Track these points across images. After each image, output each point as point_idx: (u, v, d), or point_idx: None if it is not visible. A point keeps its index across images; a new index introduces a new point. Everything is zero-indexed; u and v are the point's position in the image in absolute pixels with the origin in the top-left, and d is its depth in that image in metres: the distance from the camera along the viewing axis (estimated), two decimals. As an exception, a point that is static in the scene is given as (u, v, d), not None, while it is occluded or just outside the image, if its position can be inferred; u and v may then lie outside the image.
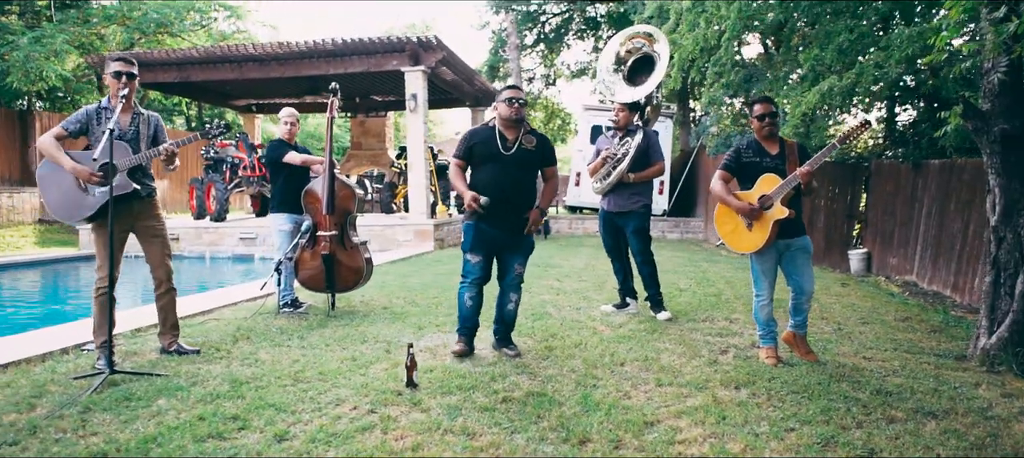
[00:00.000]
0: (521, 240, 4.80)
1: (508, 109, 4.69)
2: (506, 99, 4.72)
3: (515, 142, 4.72)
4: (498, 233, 4.73)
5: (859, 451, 3.09)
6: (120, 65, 4.52)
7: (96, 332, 4.55)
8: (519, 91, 4.80)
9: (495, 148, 4.70)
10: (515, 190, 4.70)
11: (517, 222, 4.72)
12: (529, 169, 4.81)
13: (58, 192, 4.50)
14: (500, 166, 4.69)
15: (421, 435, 3.22)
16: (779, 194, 4.47)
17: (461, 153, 4.85)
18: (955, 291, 8.21)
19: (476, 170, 4.81)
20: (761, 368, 4.45)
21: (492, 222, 4.68)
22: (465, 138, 4.90)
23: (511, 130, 4.74)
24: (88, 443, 3.15)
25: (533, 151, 4.78)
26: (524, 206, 4.74)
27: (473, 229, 4.75)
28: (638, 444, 3.17)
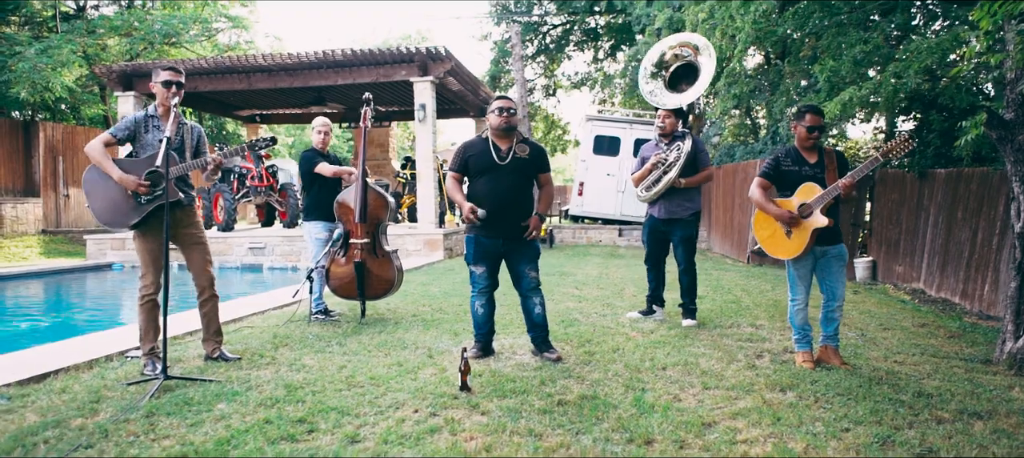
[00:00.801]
0: (524, 246, 4.89)
1: (498, 119, 4.81)
2: (496, 109, 4.84)
3: (509, 151, 4.82)
4: (499, 242, 4.84)
5: (917, 450, 3.18)
6: (170, 74, 4.58)
7: (143, 339, 4.59)
8: (509, 101, 4.90)
9: (490, 158, 4.81)
10: (512, 198, 4.80)
11: (516, 229, 4.81)
12: (524, 177, 4.90)
13: (104, 199, 4.53)
14: (496, 176, 4.80)
15: (489, 436, 3.29)
16: (819, 203, 4.57)
17: (457, 166, 4.96)
18: (964, 298, 8.34)
19: (473, 181, 4.92)
20: (801, 372, 4.54)
21: (491, 232, 4.79)
22: (459, 151, 5.02)
23: (504, 140, 4.85)
24: (163, 445, 3.20)
25: (527, 159, 4.88)
26: (522, 213, 4.84)
27: (474, 241, 4.88)
28: (702, 444, 3.25)
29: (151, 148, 4.54)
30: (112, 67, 13.82)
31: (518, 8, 21.05)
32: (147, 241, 4.55)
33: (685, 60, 6.50)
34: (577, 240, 16.73)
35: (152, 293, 4.54)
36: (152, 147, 4.54)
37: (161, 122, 4.60)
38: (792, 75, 10.03)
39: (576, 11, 21.55)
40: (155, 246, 4.54)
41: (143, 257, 4.56)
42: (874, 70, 7.93)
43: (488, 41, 22.96)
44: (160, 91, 4.57)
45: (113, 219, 4.56)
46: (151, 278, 4.53)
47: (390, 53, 12.99)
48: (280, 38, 26.84)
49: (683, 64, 6.58)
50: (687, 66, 6.50)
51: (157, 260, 4.54)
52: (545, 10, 22.03)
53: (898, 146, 4.45)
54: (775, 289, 8.93)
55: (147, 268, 4.54)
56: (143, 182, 4.44)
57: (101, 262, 13.48)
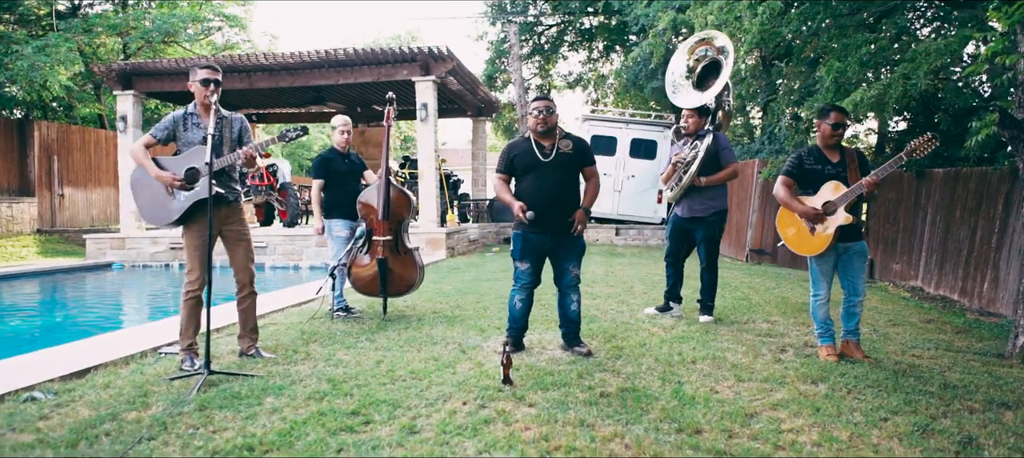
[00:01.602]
0: (571, 242, 4.97)
1: (534, 121, 4.92)
2: (532, 111, 4.95)
3: (552, 148, 4.91)
4: (546, 238, 4.92)
5: (957, 438, 3.30)
6: (207, 73, 4.64)
7: (183, 334, 4.64)
8: (545, 101, 4.97)
9: (534, 157, 4.90)
10: (558, 194, 4.88)
11: (563, 225, 4.89)
12: (570, 172, 4.98)
13: (148, 197, 4.61)
14: (541, 173, 4.88)
15: (543, 426, 3.38)
16: (843, 201, 4.70)
17: (503, 167, 5.04)
18: (963, 295, 8.51)
19: (519, 180, 5.01)
20: (827, 365, 4.66)
21: (539, 229, 4.87)
22: (505, 152, 5.10)
23: (546, 138, 4.94)
24: (224, 437, 3.27)
25: (571, 154, 4.97)
26: (568, 209, 4.91)
27: (521, 238, 4.95)
28: (749, 432, 3.36)
29: (192, 145, 4.60)
30: (112, 66, 13.78)
31: (514, 8, 21.15)
32: (193, 237, 4.60)
33: (707, 58, 6.60)
34: (574, 239, 16.81)
35: (197, 289, 4.59)
36: (193, 144, 4.60)
37: (201, 119, 4.66)
38: (793, 76, 10.18)
39: (571, 12, 21.68)
40: (201, 242, 4.59)
41: (190, 253, 4.61)
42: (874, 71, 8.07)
43: (484, 41, 23.09)
44: (198, 89, 4.62)
45: (156, 216, 4.63)
46: (197, 274, 4.58)
47: (392, 53, 13.05)
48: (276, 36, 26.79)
49: (708, 63, 6.67)
50: (713, 64, 6.59)
51: (204, 257, 4.59)
52: (540, 10, 22.14)
53: (922, 145, 4.58)
54: (779, 286, 9.09)
55: (194, 264, 4.59)
56: (178, 178, 4.49)
57: (101, 261, 13.44)
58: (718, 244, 6.44)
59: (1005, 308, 7.51)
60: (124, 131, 14.01)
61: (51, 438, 3.28)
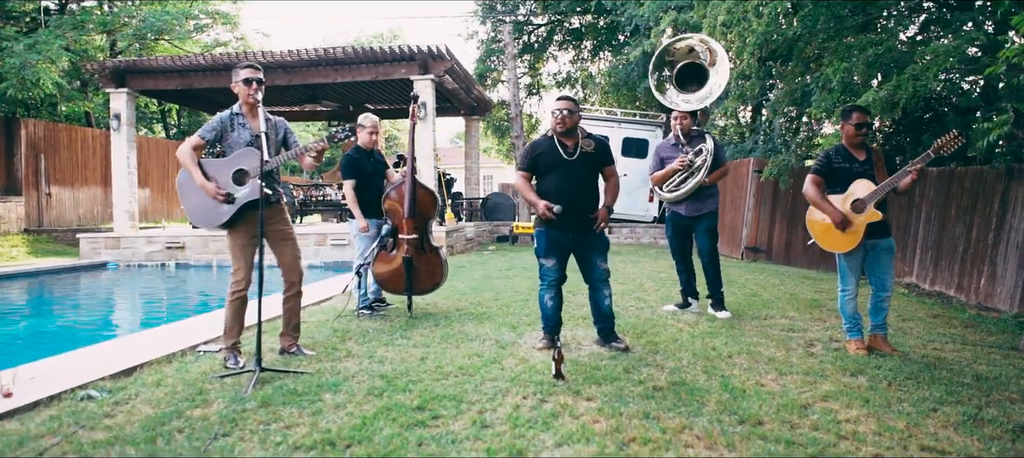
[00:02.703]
0: (594, 238, 5.07)
1: (553, 122, 5.02)
2: (553, 111, 5.04)
3: (575, 147, 5.01)
4: (569, 236, 5.01)
5: (1008, 426, 3.44)
6: (249, 72, 4.65)
7: (227, 334, 4.66)
8: (567, 102, 5.06)
9: (558, 156, 4.99)
10: (581, 193, 4.98)
11: (586, 222, 4.99)
12: (591, 171, 5.09)
13: (196, 200, 4.60)
14: (564, 172, 4.98)
15: (610, 419, 3.46)
16: (872, 199, 4.84)
17: (526, 165, 5.13)
18: (959, 291, 8.72)
19: (542, 179, 5.08)
20: (860, 358, 4.80)
21: (562, 226, 4.96)
22: (528, 150, 5.18)
23: (568, 137, 5.04)
24: (300, 432, 3.31)
25: (593, 154, 5.07)
26: (590, 206, 5.01)
27: (544, 235, 5.04)
28: (809, 423, 3.47)
29: (238, 146, 4.61)
30: (105, 63, 13.62)
31: (504, 7, 21.22)
32: (238, 238, 4.61)
33: (698, 60, 6.74)
34: (567, 237, 16.91)
35: (243, 289, 4.60)
36: (239, 145, 4.61)
37: (246, 119, 4.67)
38: (791, 76, 10.35)
39: (561, 11, 21.78)
40: (247, 243, 4.61)
41: (235, 253, 4.62)
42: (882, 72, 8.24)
43: (474, 40, 23.11)
44: (242, 89, 4.63)
45: (204, 219, 4.62)
46: (243, 274, 4.60)
47: (391, 51, 13.06)
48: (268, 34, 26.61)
49: (689, 63, 6.81)
50: (695, 67, 6.73)
51: (250, 257, 4.61)
52: (530, 9, 22.22)
53: (948, 142, 4.73)
54: (784, 283, 9.25)
55: (239, 264, 4.60)
56: (221, 192, 4.49)
57: (95, 261, 13.30)
58: (717, 233, 6.63)
59: (1002, 303, 7.73)
60: (118, 129, 13.85)
61: (126, 435, 3.30)
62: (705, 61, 6.80)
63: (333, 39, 41.89)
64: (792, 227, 13.00)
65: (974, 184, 8.70)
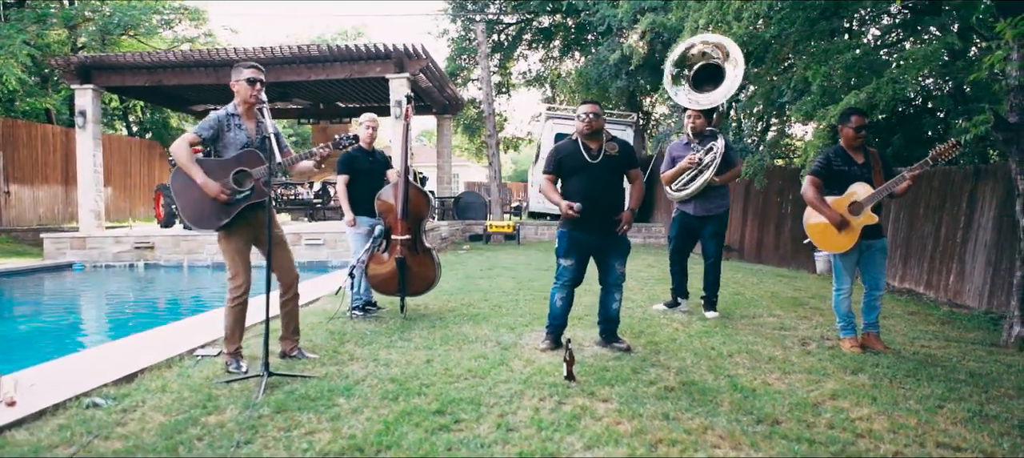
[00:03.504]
0: (617, 241, 5.11)
1: (582, 124, 5.05)
2: (581, 115, 5.07)
3: (599, 150, 5.06)
4: (591, 237, 5.04)
5: (1013, 422, 3.56)
6: (253, 72, 4.57)
7: (228, 339, 4.58)
8: (593, 106, 5.12)
9: (582, 159, 5.04)
10: (604, 195, 5.03)
11: (609, 224, 5.03)
12: (615, 173, 5.13)
13: (192, 201, 4.47)
14: (589, 174, 5.02)
15: (632, 421, 3.49)
16: (871, 201, 4.96)
17: (551, 168, 5.17)
18: (929, 288, 8.97)
19: (566, 181, 5.13)
20: (857, 356, 4.92)
21: (585, 227, 5.00)
22: (553, 154, 5.22)
23: (593, 141, 5.08)
24: (325, 439, 3.27)
25: (617, 157, 5.12)
26: (614, 209, 5.06)
27: (567, 236, 5.08)
28: (825, 422, 3.54)
29: (234, 147, 4.52)
30: (70, 58, 13.28)
31: (474, 6, 21.19)
32: (234, 241, 4.52)
33: (712, 60, 6.81)
34: (540, 237, 16.99)
35: (243, 294, 4.52)
36: (235, 146, 4.52)
37: (242, 120, 4.59)
38: (769, 78, 10.53)
39: (531, 10, 21.83)
40: (244, 246, 4.53)
41: (231, 258, 4.52)
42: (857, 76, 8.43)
43: (445, 38, 23.01)
44: (244, 88, 4.55)
45: (201, 221, 4.49)
46: (243, 279, 4.51)
47: (366, 50, 12.96)
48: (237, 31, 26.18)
49: (706, 64, 6.87)
50: (712, 68, 6.80)
51: (248, 260, 4.53)
52: (500, 8, 22.22)
53: (946, 150, 4.86)
54: (762, 282, 9.42)
55: (237, 269, 4.51)
56: (224, 191, 4.40)
57: (61, 262, 12.95)
58: (724, 238, 6.68)
59: (971, 300, 7.98)
60: (83, 126, 13.50)
61: (145, 443, 3.24)
62: (719, 59, 6.86)
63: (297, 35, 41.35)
64: (763, 226, 13.24)
65: (942, 184, 8.95)
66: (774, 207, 12.93)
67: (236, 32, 22.88)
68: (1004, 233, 7.62)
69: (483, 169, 40.95)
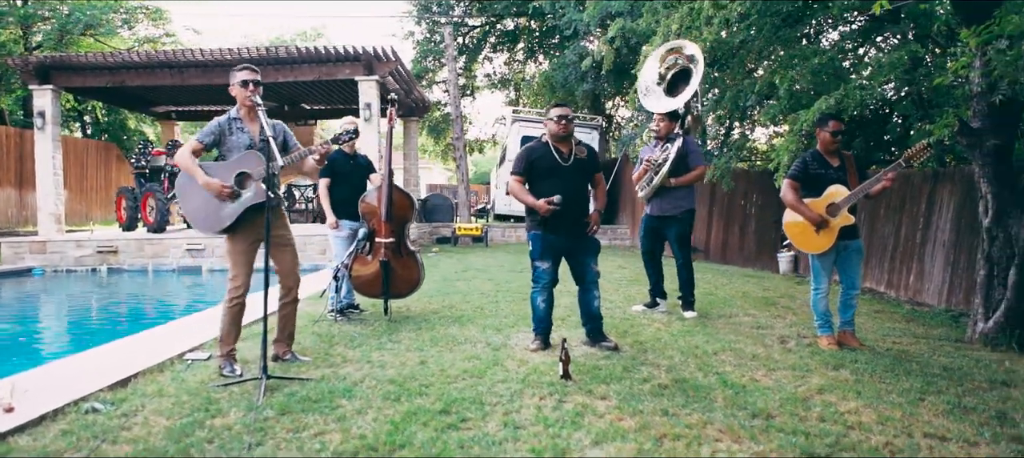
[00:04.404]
0: (587, 241, 5.25)
1: (556, 127, 5.15)
2: (554, 118, 5.18)
3: (570, 154, 5.18)
4: (563, 239, 5.16)
5: (990, 413, 3.76)
6: (247, 73, 4.58)
7: (223, 341, 4.57)
8: (567, 109, 5.24)
9: (554, 161, 5.15)
10: (575, 196, 5.16)
11: (579, 226, 5.16)
12: (585, 176, 5.28)
13: (197, 203, 4.49)
14: (560, 177, 5.13)
15: (634, 417, 3.60)
16: (847, 203, 5.16)
17: (521, 169, 5.25)
18: (890, 288, 9.30)
19: (537, 183, 5.21)
20: (835, 353, 5.11)
21: (557, 230, 5.12)
22: (523, 155, 5.31)
23: (564, 144, 5.20)
24: (337, 439, 3.31)
25: (586, 160, 5.26)
26: (584, 210, 5.21)
27: (540, 238, 5.18)
28: (816, 415, 3.69)
29: (237, 150, 4.53)
30: (29, 58, 12.97)
31: (439, 8, 21.22)
32: (239, 243, 4.53)
33: (678, 66, 7.00)
34: (507, 239, 17.08)
35: (242, 296, 4.53)
36: (238, 149, 4.54)
37: (244, 123, 4.60)
38: (733, 82, 10.76)
39: (496, 13, 21.93)
40: (248, 248, 4.54)
41: (234, 259, 4.53)
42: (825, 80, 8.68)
43: (410, 40, 22.97)
44: (240, 91, 4.56)
45: (206, 223, 4.51)
46: (243, 281, 4.52)
47: (335, 52, 12.91)
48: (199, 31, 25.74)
49: (678, 70, 7.06)
50: (683, 71, 6.98)
51: (250, 262, 4.54)
52: (465, 11, 22.27)
53: (918, 152, 5.08)
54: (731, 281, 9.65)
55: (238, 270, 4.52)
56: (226, 187, 4.42)
57: (20, 267, 12.63)
58: (689, 240, 6.86)
59: (931, 298, 8.29)
60: (42, 128, 13.18)
61: (154, 447, 3.24)
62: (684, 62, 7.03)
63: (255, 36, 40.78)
64: (728, 227, 13.53)
65: (902, 186, 9.27)
66: (739, 209, 13.22)
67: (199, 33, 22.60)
68: (962, 233, 7.94)
69: (445, 171, 40.92)
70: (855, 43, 10.52)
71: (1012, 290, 5.75)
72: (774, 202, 12.14)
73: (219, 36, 59.40)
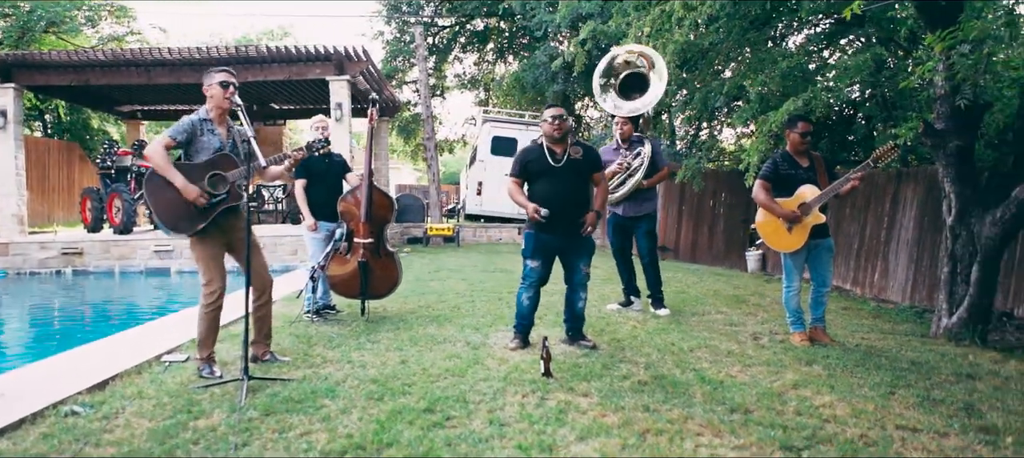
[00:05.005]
0: (581, 242, 5.29)
1: (550, 127, 5.20)
2: (548, 118, 5.23)
3: (564, 154, 5.24)
4: (556, 238, 5.22)
5: (958, 405, 3.89)
6: (226, 75, 4.55)
7: (202, 345, 4.54)
8: (560, 110, 5.30)
9: (546, 163, 5.20)
10: (569, 197, 5.20)
11: (574, 226, 5.21)
12: (580, 177, 5.31)
13: (167, 204, 4.40)
14: (553, 177, 5.19)
15: (616, 413, 3.67)
16: (818, 202, 5.28)
17: (518, 171, 5.31)
18: (856, 285, 9.52)
19: (532, 184, 5.30)
20: (807, 349, 5.24)
21: (550, 229, 5.16)
22: (520, 157, 5.37)
23: (558, 145, 5.25)
24: (323, 439, 3.32)
25: (581, 160, 5.30)
26: (578, 211, 5.23)
27: (533, 238, 5.23)
28: (792, 409, 3.79)
29: (206, 152, 4.48)
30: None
31: (409, 8, 21.18)
32: (208, 247, 4.48)
33: (637, 69, 7.11)
34: (478, 239, 17.10)
35: (217, 299, 4.48)
36: (207, 150, 4.48)
37: (214, 125, 4.57)
38: (702, 84, 10.92)
39: (467, 13, 21.94)
40: (219, 251, 4.50)
41: (205, 263, 4.47)
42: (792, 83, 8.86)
43: (379, 40, 22.88)
44: (217, 92, 4.53)
45: (177, 225, 4.43)
46: (218, 284, 4.47)
47: (306, 51, 12.84)
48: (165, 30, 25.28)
49: (633, 73, 7.17)
50: (637, 76, 7.10)
51: (221, 264, 4.50)
52: (435, 10, 22.25)
53: (886, 152, 5.23)
54: (702, 280, 9.79)
55: (212, 274, 4.46)
56: (203, 195, 4.38)
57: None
58: (656, 236, 7.00)
59: (895, 296, 8.51)
60: (4, 127, 12.91)
61: (139, 449, 3.23)
62: (644, 68, 7.14)
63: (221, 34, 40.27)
64: (698, 227, 13.71)
65: (867, 185, 9.48)
66: (708, 209, 13.41)
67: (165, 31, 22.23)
68: (925, 231, 8.17)
69: (415, 172, 40.78)
70: (820, 46, 10.76)
71: (974, 286, 5.93)
72: (742, 202, 12.35)
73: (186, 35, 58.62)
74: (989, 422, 3.60)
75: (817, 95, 7.70)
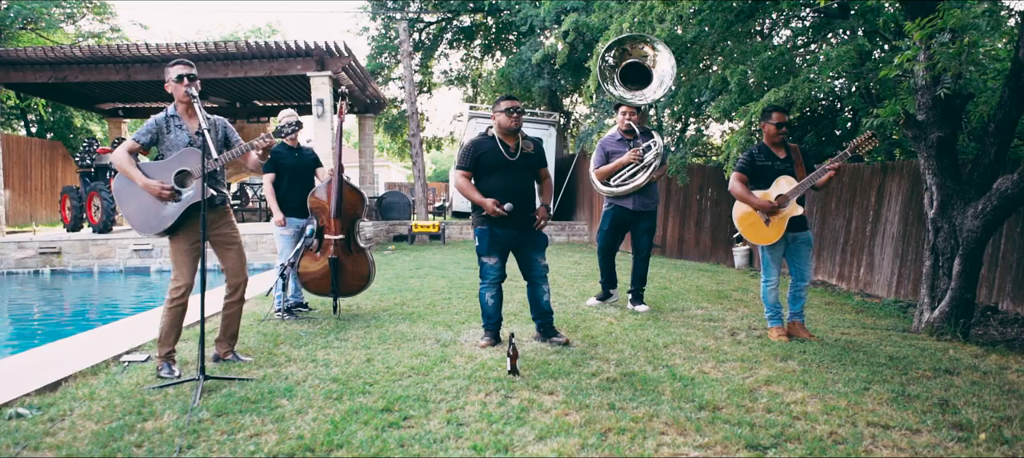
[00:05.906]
0: (535, 235, 5.20)
1: (508, 119, 5.07)
2: (505, 110, 5.09)
3: (517, 148, 5.11)
4: (511, 233, 5.10)
5: (933, 400, 3.78)
6: (182, 68, 4.43)
7: (162, 342, 4.41)
8: (516, 101, 5.17)
9: (501, 156, 5.07)
10: (525, 191, 5.11)
11: (528, 220, 5.11)
12: (532, 171, 5.23)
13: (135, 205, 4.32)
14: (508, 172, 5.07)
15: (580, 411, 3.55)
16: (795, 194, 5.17)
17: (468, 164, 5.14)
18: (841, 280, 9.43)
19: (484, 178, 5.12)
20: (784, 344, 5.13)
21: (505, 224, 5.04)
22: (469, 150, 5.19)
23: (511, 138, 5.13)
24: (272, 440, 3.20)
25: (533, 154, 5.21)
26: (532, 205, 5.15)
27: (488, 234, 5.09)
28: (762, 406, 3.68)
29: (176, 148, 4.37)
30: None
31: (395, 3, 20.99)
32: (182, 243, 4.36)
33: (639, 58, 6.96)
34: (465, 236, 16.95)
35: (183, 297, 4.37)
36: (177, 147, 4.37)
37: (182, 120, 4.44)
38: (687, 78, 10.82)
39: (452, 9, 21.77)
40: (191, 248, 4.38)
41: (177, 260, 4.37)
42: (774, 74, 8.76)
43: (365, 36, 22.68)
44: (176, 88, 4.41)
45: (147, 225, 4.34)
46: (184, 281, 4.35)
47: (287, 47, 12.68)
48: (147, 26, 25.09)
49: (635, 63, 7.02)
50: (639, 66, 6.95)
51: (192, 262, 4.37)
52: (421, 6, 22.08)
53: (864, 141, 5.12)
54: (685, 276, 9.68)
55: (181, 270, 4.35)
56: (166, 187, 4.26)
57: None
58: (655, 234, 6.84)
59: (880, 290, 8.43)
60: (-20, 125, 12.74)
61: (79, 452, 3.09)
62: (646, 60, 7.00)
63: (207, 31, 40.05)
64: (684, 222, 13.61)
65: (852, 179, 9.40)
66: (694, 204, 13.31)
67: (146, 27, 21.98)
68: (910, 226, 8.07)
69: (404, 169, 40.61)
70: (806, 40, 10.67)
71: (956, 280, 5.83)
72: (729, 196, 12.21)
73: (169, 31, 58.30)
74: (963, 418, 3.49)
75: (798, 86, 7.60)
